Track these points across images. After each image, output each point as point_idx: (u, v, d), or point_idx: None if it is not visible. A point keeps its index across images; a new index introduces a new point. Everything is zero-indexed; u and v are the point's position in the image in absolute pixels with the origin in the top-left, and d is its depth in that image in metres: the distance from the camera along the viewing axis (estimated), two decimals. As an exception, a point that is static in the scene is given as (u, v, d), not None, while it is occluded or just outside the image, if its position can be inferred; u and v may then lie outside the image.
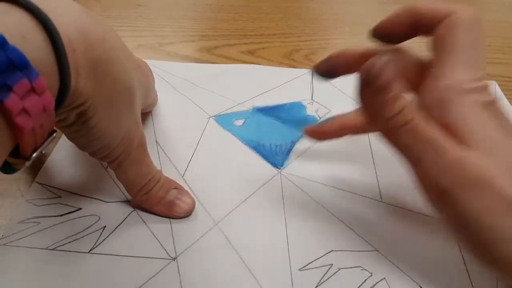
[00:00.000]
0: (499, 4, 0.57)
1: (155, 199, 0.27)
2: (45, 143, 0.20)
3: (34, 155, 0.19)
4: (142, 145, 0.26)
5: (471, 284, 0.25)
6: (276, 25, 0.51)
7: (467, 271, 0.25)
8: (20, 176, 0.30)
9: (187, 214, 0.28)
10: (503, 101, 0.38)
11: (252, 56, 0.45)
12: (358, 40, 0.48)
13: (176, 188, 0.28)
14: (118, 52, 0.22)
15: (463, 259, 0.26)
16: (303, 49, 0.47)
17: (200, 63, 0.44)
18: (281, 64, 0.44)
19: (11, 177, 0.29)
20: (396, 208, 0.29)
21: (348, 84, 0.39)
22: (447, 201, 0.19)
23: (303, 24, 0.52)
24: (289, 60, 0.45)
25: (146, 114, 0.35)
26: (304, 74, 0.41)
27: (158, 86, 0.39)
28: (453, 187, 0.19)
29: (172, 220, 0.27)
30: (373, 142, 0.34)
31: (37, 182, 0.29)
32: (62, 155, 0.32)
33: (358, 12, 0.54)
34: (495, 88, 0.40)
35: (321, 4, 0.57)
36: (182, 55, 0.45)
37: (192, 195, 0.29)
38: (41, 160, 0.31)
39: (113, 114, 0.22)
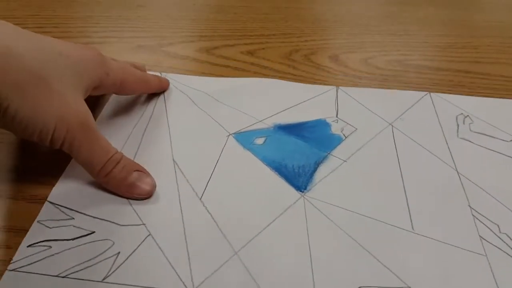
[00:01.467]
0: (498, 4, 0.56)
1: (116, 181, 0.28)
2: None
3: None
4: (86, 126, 0.27)
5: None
6: (275, 25, 0.50)
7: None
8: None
9: (148, 196, 0.29)
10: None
11: (251, 56, 0.45)
12: (358, 40, 0.47)
13: (138, 171, 0.29)
14: (18, 43, 0.25)
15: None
16: (302, 50, 0.46)
17: (200, 63, 0.43)
18: (280, 64, 0.43)
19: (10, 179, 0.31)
20: (430, 240, 0.27)
21: (376, 101, 0.38)
22: None
23: (303, 24, 0.51)
24: (288, 60, 0.44)
25: (163, 130, 0.34)
26: (329, 91, 0.39)
27: (177, 100, 0.38)
28: None
29: (189, 246, 0.26)
30: (404, 167, 0.32)
31: (50, 202, 0.28)
32: (76, 173, 0.30)
33: (357, 13, 0.53)
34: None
35: (320, 4, 0.55)
36: (181, 55, 0.45)
37: (211, 220, 0.27)
38: (55, 177, 0.30)
39: (29, 101, 0.25)
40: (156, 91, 0.38)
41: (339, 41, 0.48)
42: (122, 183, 0.28)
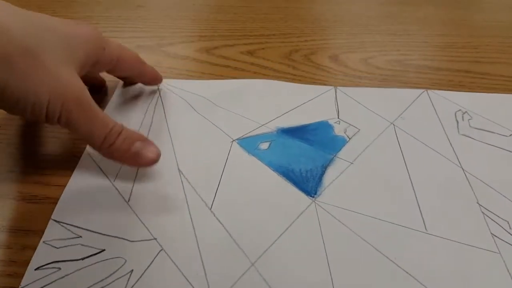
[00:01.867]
0: (498, 4, 0.56)
1: (120, 152, 0.28)
2: None
3: None
4: (83, 100, 0.27)
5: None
6: (275, 25, 0.50)
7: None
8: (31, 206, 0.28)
9: (153, 163, 0.29)
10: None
11: (251, 56, 0.44)
12: (358, 40, 0.47)
13: (140, 140, 0.29)
14: (5, 18, 0.24)
15: (521, 296, 0.24)
16: (302, 50, 0.46)
17: (200, 63, 0.43)
18: (280, 64, 0.43)
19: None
20: (444, 240, 0.27)
21: (374, 100, 0.38)
22: None
23: (303, 24, 0.51)
24: (288, 60, 0.44)
25: (165, 138, 0.33)
26: (328, 91, 0.39)
27: (175, 106, 0.37)
28: None
29: (204, 259, 0.25)
30: (410, 166, 0.32)
31: (54, 220, 0.27)
32: (79, 187, 0.29)
33: (357, 13, 0.53)
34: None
35: (320, 4, 0.55)
36: (181, 55, 0.44)
37: (224, 231, 0.27)
38: (55, 177, 0.30)
39: (18, 74, 0.24)
40: (150, 79, 0.38)
41: (339, 41, 0.47)
42: (126, 154, 0.28)
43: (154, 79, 0.38)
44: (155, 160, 0.29)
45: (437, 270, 0.25)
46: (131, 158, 0.28)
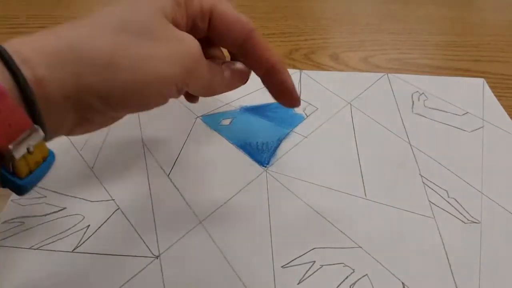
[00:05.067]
0: (498, 3, 0.57)
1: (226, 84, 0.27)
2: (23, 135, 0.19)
3: (12, 147, 0.19)
4: (199, 58, 0.23)
5: (454, 279, 0.25)
6: (275, 24, 0.51)
7: (450, 267, 0.25)
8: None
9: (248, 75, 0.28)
10: (492, 100, 0.38)
11: None
12: (358, 39, 0.48)
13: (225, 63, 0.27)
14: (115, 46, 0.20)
15: (446, 255, 0.26)
16: (302, 49, 0.46)
17: None
18: None
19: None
20: (381, 205, 0.29)
21: (337, 83, 0.40)
22: None
23: (303, 23, 0.51)
24: (289, 59, 0.44)
25: (133, 115, 0.36)
26: (292, 74, 0.41)
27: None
28: None
29: (156, 217, 0.28)
30: (360, 142, 0.34)
31: (23, 183, 0.30)
32: (49, 155, 0.32)
33: (357, 11, 0.54)
34: (483, 88, 0.40)
35: (320, 3, 0.57)
36: None
37: (178, 194, 0.29)
38: None
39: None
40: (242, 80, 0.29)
41: (339, 40, 0.48)
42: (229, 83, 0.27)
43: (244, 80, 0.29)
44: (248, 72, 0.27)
45: (372, 231, 0.27)
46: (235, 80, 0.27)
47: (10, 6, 0.52)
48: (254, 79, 0.40)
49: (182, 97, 0.37)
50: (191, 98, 0.31)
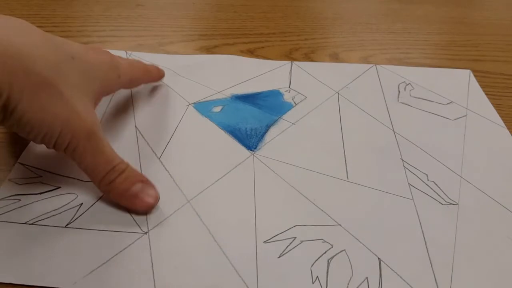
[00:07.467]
0: (498, 2, 0.58)
1: (119, 191, 0.27)
2: None
3: None
4: (92, 134, 0.26)
5: (429, 256, 0.26)
6: (275, 24, 0.51)
7: (425, 245, 0.26)
8: (3, 157, 0.32)
9: (150, 208, 0.28)
10: (477, 90, 0.40)
11: (251, 55, 0.45)
12: (358, 38, 0.49)
13: (142, 182, 0.28)
14: (30, 44, 0.24)
15: (423, 234, 0.27)
16: (302, 48, 0.47)
17: None
18: None
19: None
20: (362, 187, 0.30)
21: (326, 73, 0.41)
22: None
23: (303, 23, 0.52)
24: (289, 59, 0.45)
25: (127, 101, 0.37)
26: (283, 65, 0.42)
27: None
28: None
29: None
30: (345, 128, 0.35)
31: (20, 163, 0.31)
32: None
33: (357, 11, 0.55)
34: (469, 79, 0.41)
35: (320, 2, 0.57)
36: (182, 54, 0.45)
37: (168, 175, 0.30)
38: (25, 143, 0.33)
39: (37, 105, 0.24)
40: (155, 80, 0.38)
41: (339, 39, 0.48)
42: (125, 194, 0.27)
43: (158, 78, 0.39)
44: (152, 205, 0.28)
45: (352, 211, 0.28)
46: (129, 199, 0.28)
47: (10, 5, 0.53)
48: (246, 71, 0.41)
49: (175, 85, 0.39)
50: None
